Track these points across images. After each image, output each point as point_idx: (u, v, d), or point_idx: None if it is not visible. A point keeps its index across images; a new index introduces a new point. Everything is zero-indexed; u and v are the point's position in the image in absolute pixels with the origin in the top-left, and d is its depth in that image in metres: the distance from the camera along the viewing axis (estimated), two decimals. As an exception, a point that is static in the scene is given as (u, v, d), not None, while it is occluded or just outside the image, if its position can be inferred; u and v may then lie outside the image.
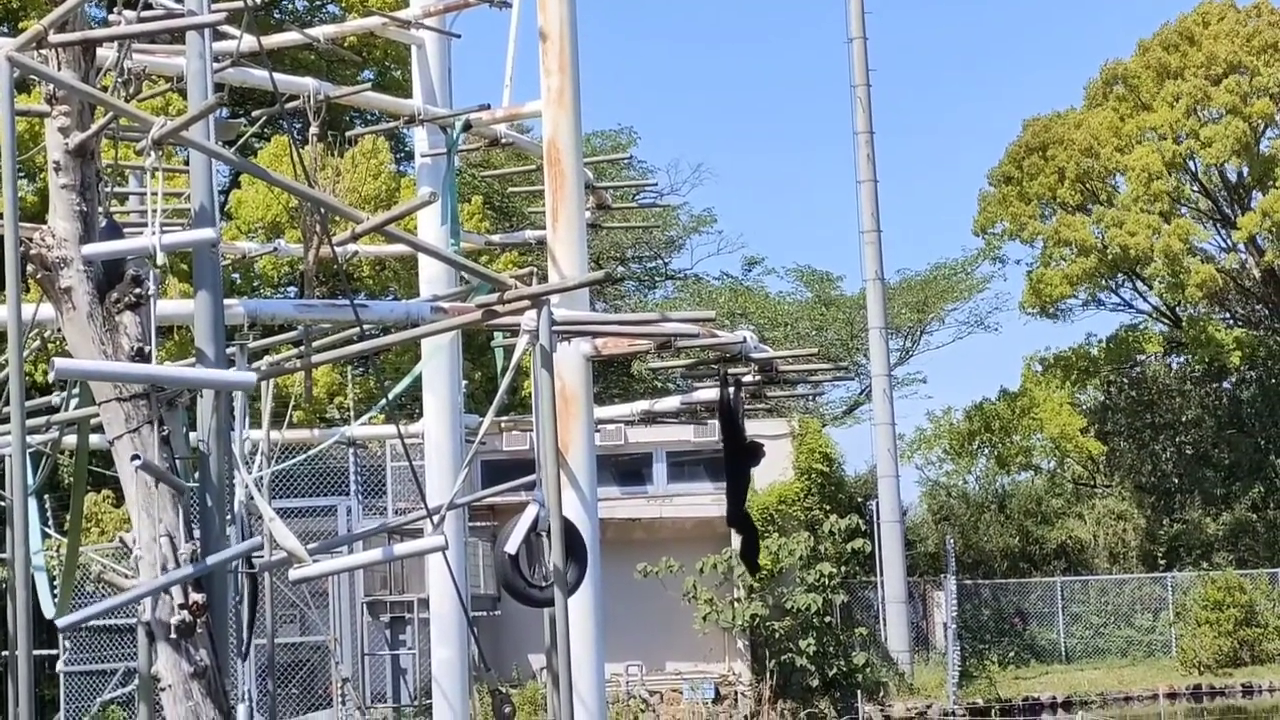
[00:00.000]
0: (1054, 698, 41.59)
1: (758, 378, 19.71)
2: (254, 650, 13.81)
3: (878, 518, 43.82)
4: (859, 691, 36.38)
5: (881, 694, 38.49)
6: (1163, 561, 52.30)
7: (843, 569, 36.25)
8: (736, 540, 18.08)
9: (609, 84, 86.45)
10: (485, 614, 29.77)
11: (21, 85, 10.54)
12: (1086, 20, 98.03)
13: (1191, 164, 53.58)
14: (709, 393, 21.75)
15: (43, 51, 10.49)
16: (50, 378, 10.01)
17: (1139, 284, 56.67)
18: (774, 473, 35.81)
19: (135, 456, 10.22)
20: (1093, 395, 58.41)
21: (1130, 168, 52.15)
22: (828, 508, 36.64)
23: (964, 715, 39.21)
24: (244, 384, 11.13)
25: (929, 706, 39.18)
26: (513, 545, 12.11)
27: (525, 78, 18.77)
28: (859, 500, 45.92)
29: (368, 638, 27.98)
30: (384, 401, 20.20)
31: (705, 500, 35.68)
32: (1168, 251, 50.68)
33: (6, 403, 10.62)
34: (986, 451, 57.19)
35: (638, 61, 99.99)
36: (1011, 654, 46.11)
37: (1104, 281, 56.01)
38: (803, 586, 34.66)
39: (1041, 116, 55.95)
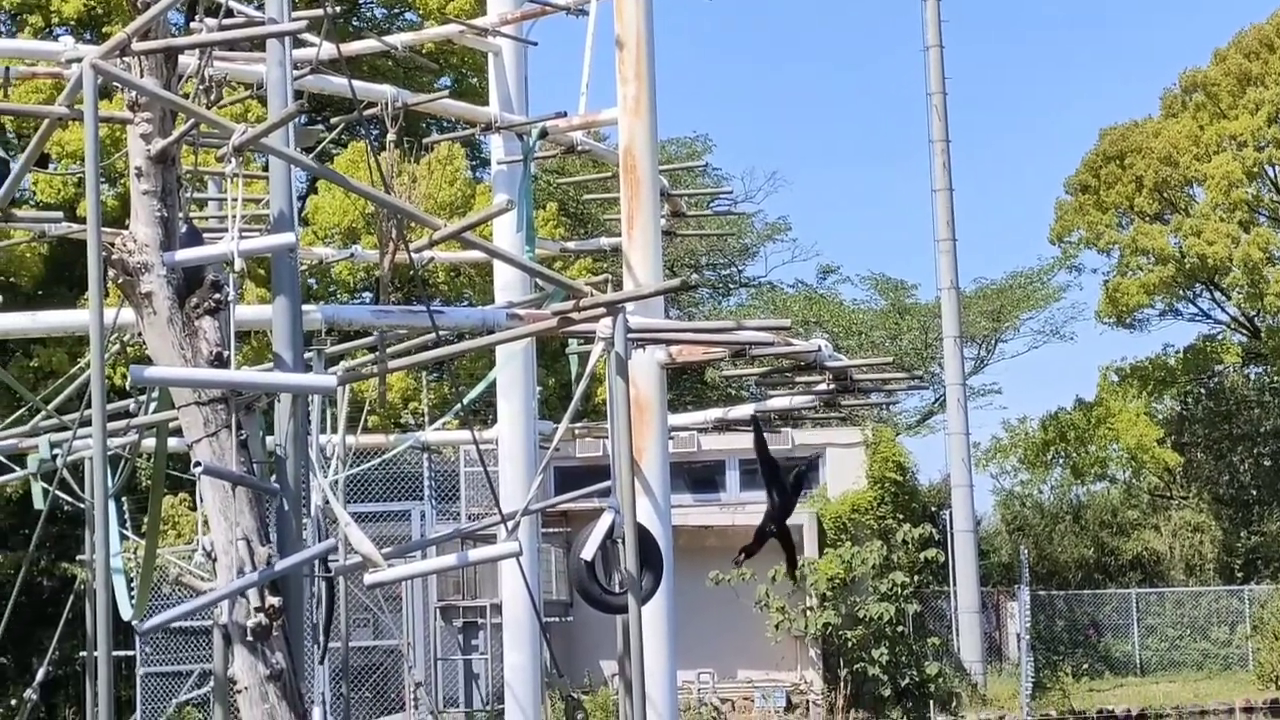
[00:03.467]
0: (1128, 711, 41.24)
1: (832, 386, 19.68)
2: (329, 653, 13.88)
3: (951, 527, 43.61)
4: (931, 702, 36.21)
5: (954, 704, 38.29)
6: (1240, 574, 51.80)
7: (916, 578, 36.10)
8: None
9: (684, 92, 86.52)
10: (558, 620, 29.82)
11: (104, 92, 10.64)
12: (1162, 29, 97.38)
13: (1271, 172, 53.08)
14: (783, 401, 21.74)
15: (126, 59, 10.59)
16: (128, 384, 10.09)
17: (1217, 294, 56.16)
18: (847, 481, 35.71)
19: (196, 463, 10.30)
20: (1170, 406, 57.91)
21: (1209, 176, 51.72)
22: (901, 517, 36.48)
23: (1038, 727, 38.98)
24: (322, 388, 11.21)
25: (1002, 718, 38.94)
26: (589, 552, 12.13)
27: (601, 85, 18.80)
28: (932, 510, 45.71)
29: (440, 642, 28.07)
30: (458, 407, 20.29)
31: (778, 508, 35.58)
32: (1247, 261, 50.23)
33: (87, 406, 10.72)
34: (1062, 462, 56.81)
35: (713, 69, 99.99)
36: (1085, 666, 45.79)
37: (1181, 291, 55.55)
38: (875, 595, 34.53)
39: (1119, 125, 55.59)
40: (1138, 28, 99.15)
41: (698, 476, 36.31)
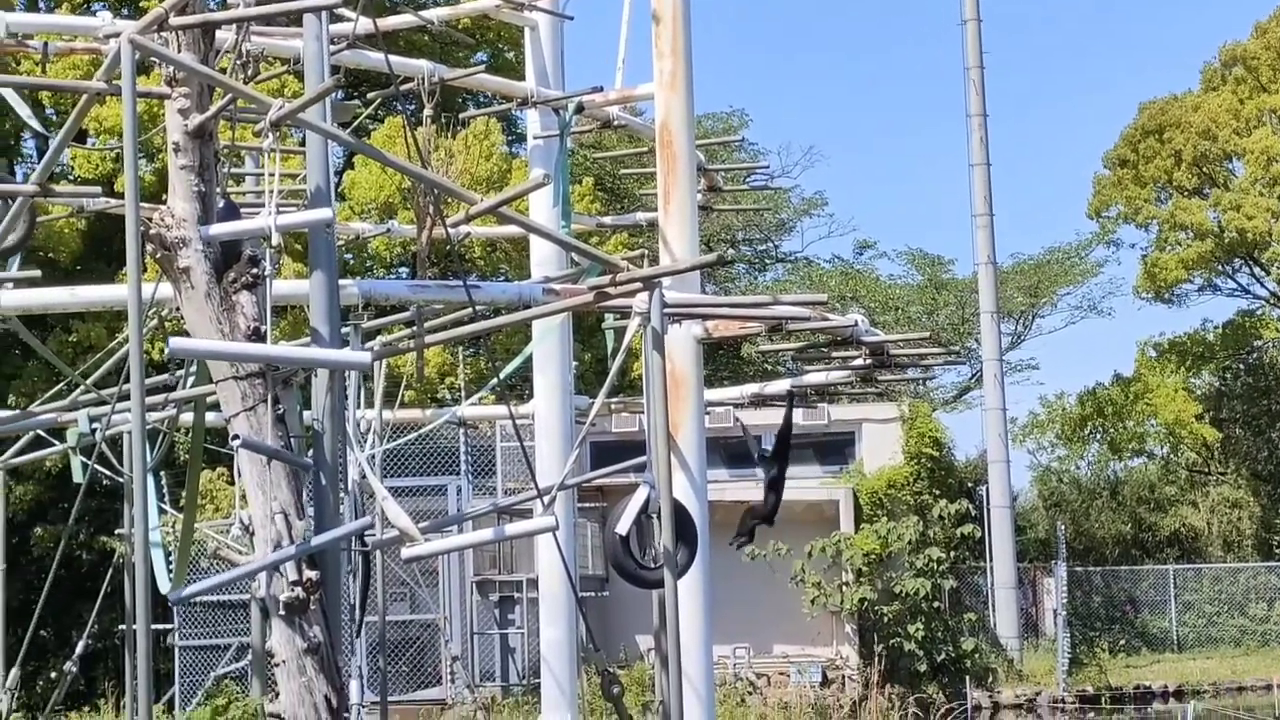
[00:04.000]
0: (1165, 686, 41.14)
1: (868, 361, 19.66)
2: (365, 627, 13.94)
3: (988, 503, 43.53)
4: (967, 677, 36.15)
5: (990, 680, 38.23)
6: (1278, 550, 51.61)
7: (952, 554, 36.02)
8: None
9: (721, 66, 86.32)
10: (594, 594, 29.87)
11: (142, 67, 10.67)
12: (1202, 2, 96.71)
13: (1312, 146, 52.76)
14: (819, 376, 21.72)
15: (163, 34, 10.61)
16: (167, 358, 10.13)
17: (1256, 269, 55.87)
18: (883, 457, 35.66)
19: (236, 436, 10.33)
20: (1208, 381, 57.67)
21: (1248, 150, 51.43)
22: (937, 492, 36.40)
23: (1074, 703, 38.86)
24: (359, 364, 11.23)
25: (1038, 694, 38.87)
26: (624, 526, 12.16)
27: (638, 60, 18.78)
28: (969, 485, 45.61)
29: (477, 617, 28.15)
30: (494, 382, 20.35)
31: (813, 484, 35.56)
32: (1286, 236, 49.98)
33: (126, 381, 10.77)
34: (1099, 437, 56.66)
35: (750, 44, 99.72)
36: (1122, 642, 45.69)
37: (1220, 266, 55.29)
38: (911, 571, 34.48)
39: (1158, 99, 55.30)
40: (1177, 1, 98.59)
41: (734, 451, 36.20)
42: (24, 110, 14.82)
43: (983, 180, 46.13)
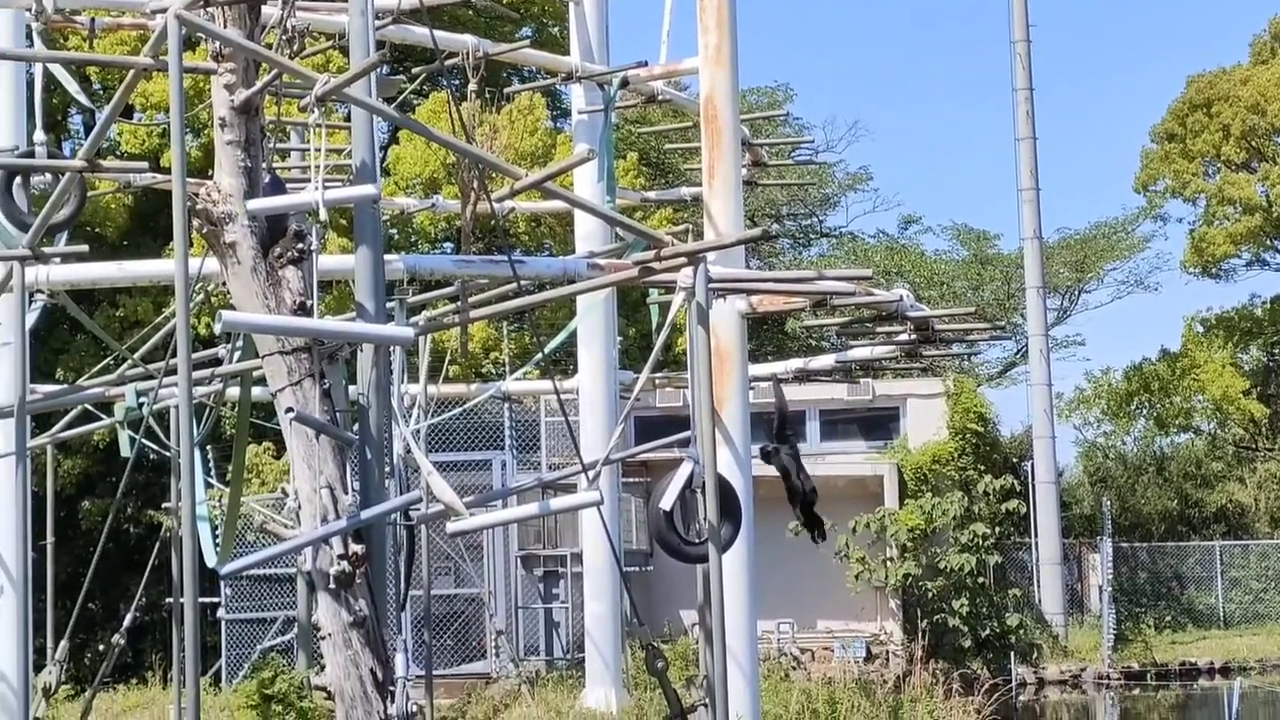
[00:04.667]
0: (1211, 663, 40.98)
1: (913, 336, 19.62)
2: (410, 601, 13.99)
3: (1033, 479, 43.39)
4: (1012, 653, 36.09)
5: (1035, 656, 38.16)
6: (1327, 527, 51.35)
7: (997, 530, 35.93)
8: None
9: (765, 41, 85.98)
10: (638, 569, 29.91)
11: (188, 43, 10.70)
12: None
13: (1362, 120, 52.33)
14: (863, 351, 21.68)
15: (209, 9, 10.65)
16: (217, 329, 10.17)
17: (1305, 244, 55.52)
18: (928, 432, 35.57)
19: (289, 409, 10.37)
20: (1255, 356, 57.30)
21: (1299, 125, 51.10)
22: (982, 468, 36.30)
23: (1119, 679, 38.76)
24: (402, 339, 11.26)
25: (1083, 670, 38.79)
26: (668, 501, 12.15)
27: (682, 35, 18.76)
28: (1014, 461, 45.47)
29: (521, 591, 28.20)
30: (539, 357, 20.39)
31: (858, 459, 35.51)
32: (1336, 211, 49.66)
33: (173, 355, 10.82)
34: (1145, 413, 56.40)
35: (794, 18, 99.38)
36: (1168, 618, 45.52)
37: (1269, 241, 54.93)
38: (956, 547, 34.41)
39: (1206, 73, 54.91)
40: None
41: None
42: (72, 85, 14.89)
43: (1029, 154, 45.92)
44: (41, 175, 14.56)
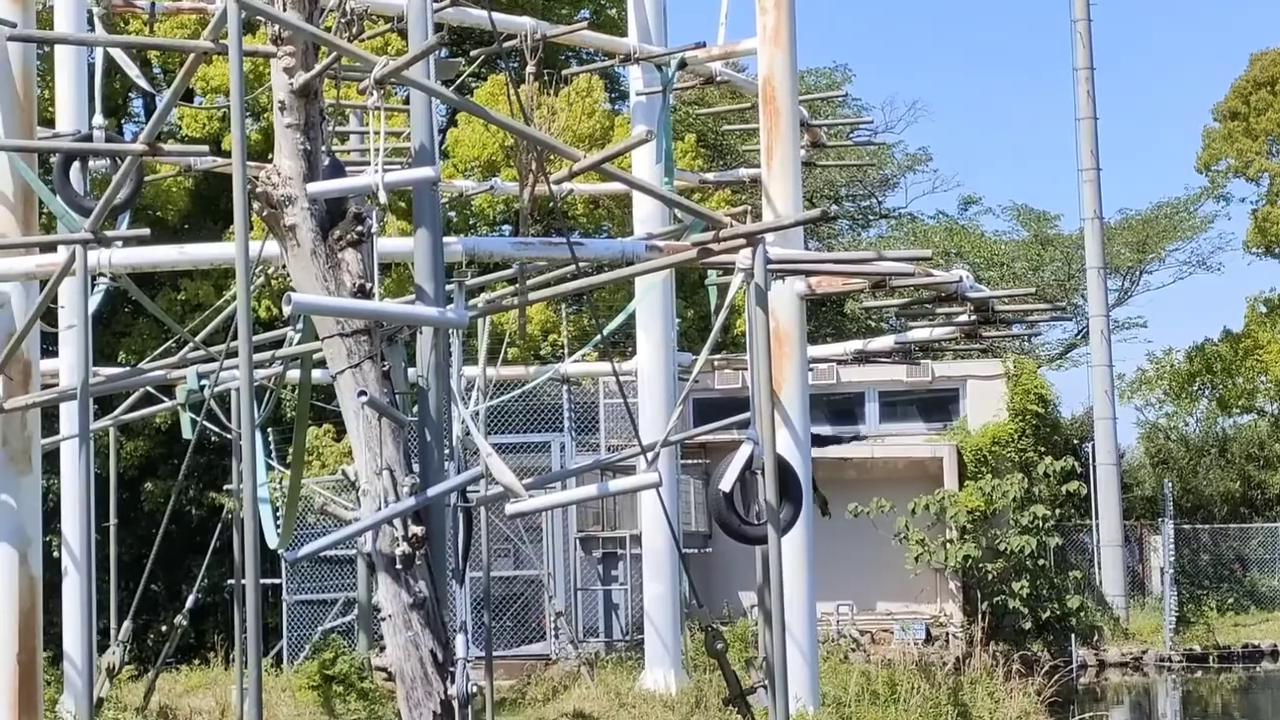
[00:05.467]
0: (1274, 645, 40.65)
1: (973, 317, 19.54)
2: (469, 583, 14.03)
3: (1094, 460, 43.17)
4: (1073, 635, 35.94)
5: (1096, 638, 37.97)
6: (1391, 508, 50.88)
7: (1057, 512, 35.76)
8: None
9: (823, 21, 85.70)
10: (696, 551, 29.90)
11: (247, 26, 10.73)
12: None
13: None
14: (923, 332, 21.60)
15: (268, -7, 10.67)
16: (286, 311, 10.21)
17: (1370, 223, 54.92)
18: (987, 414, 35.42)
19: (362, 392, 10.41)
20: (1320, 336, 56.83)
21: (1362, 103, 50.60)
22: (1042, 449, 36.13)
23: (1181, 661, 38.53)
24: (457, 322, 11.27)
25: (1144, 652, 38.58)
26: (727, 483, 12.16)
27: (740, 15, 18.72)
28: (1075, 442, 45.24)
29: (580, 573, 28.23)
30: (598, 339, 20.38)
31: (917, 440, 35.41)
32: (1401, 189, 49.15)
33: (234, 338, 10.87)
34: (1207, 394, 56.00)
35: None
36: (1230, 600, 45.20)
37: (1333, 220, 54.42)
38: (1016, 529, 34.27)
39: (1270, 50, 54.38)
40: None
41: (837, 408, 36.15)
42: (132, 70, 14.97)
43: (1089, 134, 45.61)
44: (102, 159, 14.66)
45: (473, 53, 18.93)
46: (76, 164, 14.19)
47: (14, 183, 14.23)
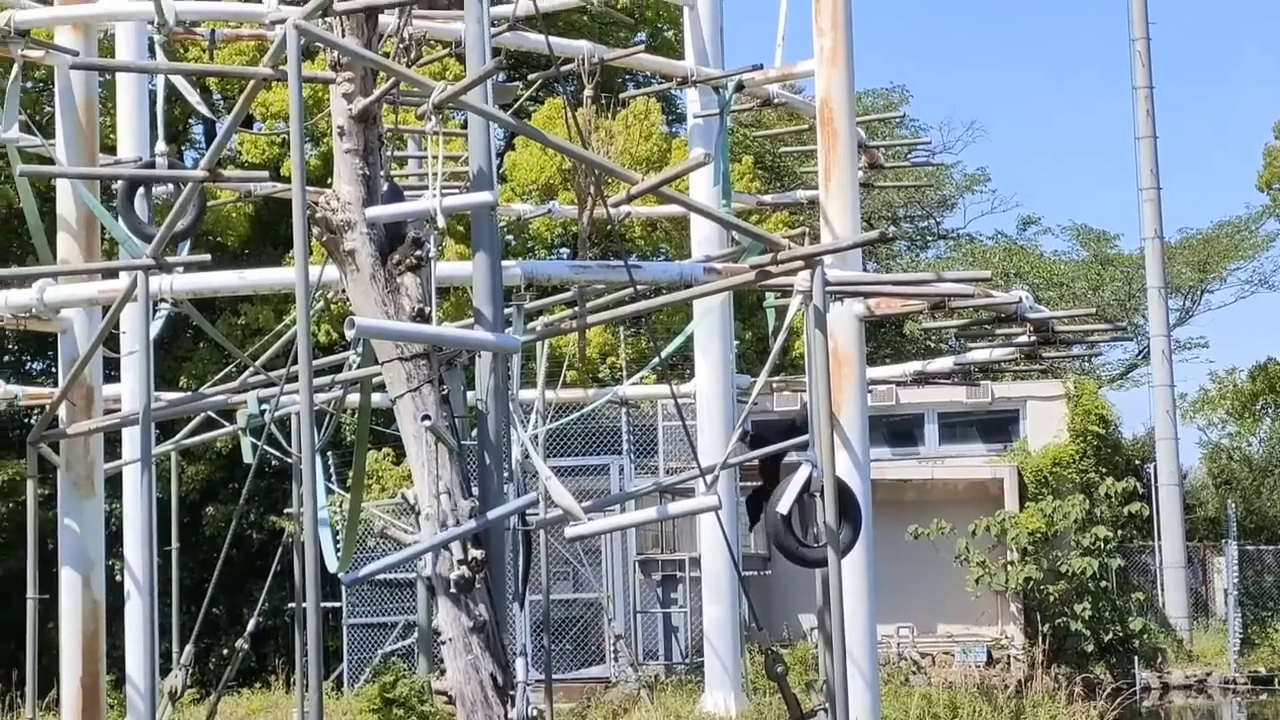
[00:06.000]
0: (1340, 667, 40.30)
1: (1033, 338, 19.44)
2: (529, 606, 14.03)
3: (1156, 481, 42.87)
4: (1136, 658, 35.67)
5: (1159, 660, 37.67)
6: None
7: (1119, 533, 35.51)
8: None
9: (880, 41, 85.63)
10: (756, 573, 29.84)
11: (306, 52, 10.80)
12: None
13: None
14: (983, 353, 21.50)
15: (328, 19, 10.73)
16: (348, 335, 10.25)
17: None
18: (1048, 434, 35.23)
19: (425, 416, 10.43)
20: (1384, 356, 56.30)
21: None
22: (1104, 470, 35.90)
23: (1245, 684, 38.18)
24: (510, 347, 11.28)
25: (1209, 674, 38.24)
26: (785, 505, 12.11)
27: (797, 36, 18.69)
28: (1136, 463, 44.95)
29: (640, 595, 28.22)
30: (656, 361, 20.38)
31: (978, 462, 35.25)
32: None
33: (294, 362, 10.91)
34: (1271, 413, 55.55)
35: (909, 17, 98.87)
36: (1295, 622, 44.82)
37: (1396, 239, 54.01)
38: (1078, 550, 34.05)
39: (1331, 68, 54.10)
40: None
41: (896, 429, 36.04)
42: (192, 96, 15.07)
43: (1149, 153, 45.38)
44: (164, 185, 14.76)
45: (530, 76, 18.98)
46: (140, 190, 14.30)
47: (77, 209, 14.38)
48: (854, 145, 16.35)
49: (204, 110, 16.23)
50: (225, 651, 27.73)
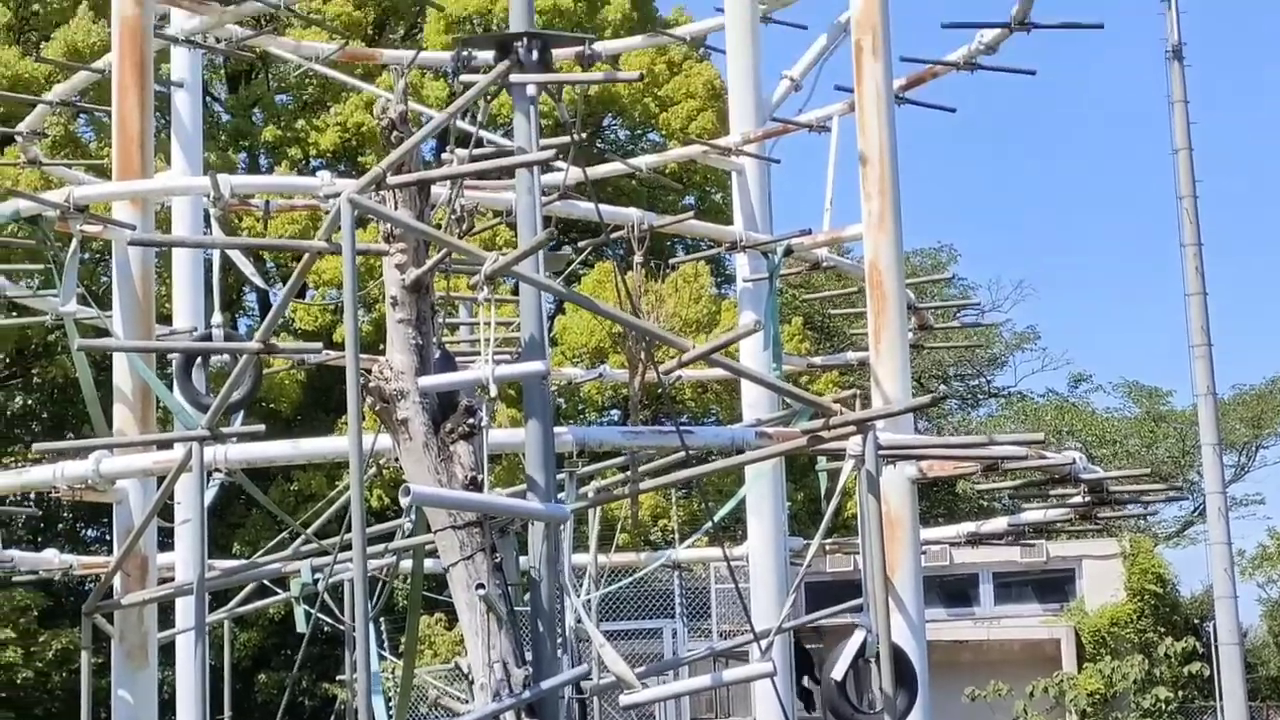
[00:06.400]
0: None
1: (1087, 499, 19.30)
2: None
3: (1216, 640, 42.33)
4: (1200, 821, 35.16)
5: (1224, 823, 37.08)
6: None
7: (1180, 694, 35.09)
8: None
9: (928, 201, 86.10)
10: (811, 739, 29.49)
11: (359, 220, 10.94)
12: None
13: None
14: (1037, 514, 21.36)
15: (381, 192, 10.87)
16: (403, 503, 10.28)
17: None
18: (1105, 594, 34.92)
19: (480, 585, 10.42)
20: None
21: None
22: (1162, 630, 35.56)
23: (1312, 847, 37.51)
24: (560, 517, 11.29)
25: (1275, 837, 37.61)
26: (839, 671, 12.01)
27: (845, 198, 18.82)
28: (1195, 622, 44.44)
29: (695, 760, 27.95)
30: (708, 525, 20.30)
31: (1033, 622, 34.94)
32: None
33: (347, 530, 10.94)
34: (1331, 569, 54.97)
35: (957, 177, 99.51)
36: (1362, 782, 44.00)
37: None
38: (1138, 712, 33.64)
39: (1379, 222, 54.11)
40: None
41: (950, 590, 35.79)
42: (248, 268, 15.25)
43: (1199, 310, 45.28)
44: (220, 355, 14.90)
45: (580, 244, 19.14)
46: (198, 361, 14.43)
47: (133, 380, 14.49)
48: (904, 308, 16.37)
49: (259, 281, 16.42)
50: (278, 820, 27.50)
